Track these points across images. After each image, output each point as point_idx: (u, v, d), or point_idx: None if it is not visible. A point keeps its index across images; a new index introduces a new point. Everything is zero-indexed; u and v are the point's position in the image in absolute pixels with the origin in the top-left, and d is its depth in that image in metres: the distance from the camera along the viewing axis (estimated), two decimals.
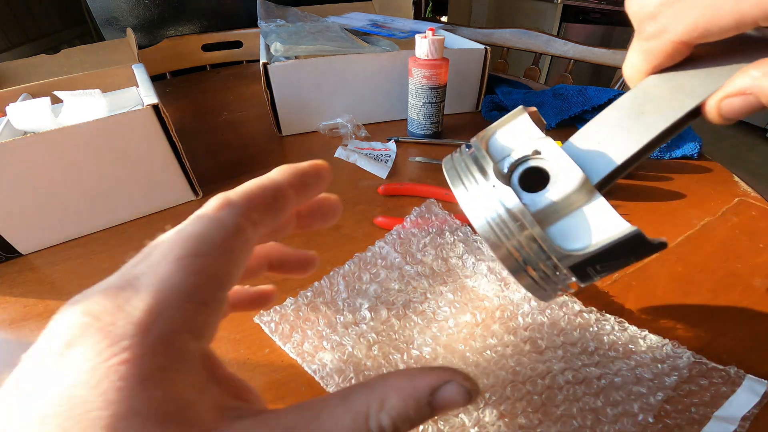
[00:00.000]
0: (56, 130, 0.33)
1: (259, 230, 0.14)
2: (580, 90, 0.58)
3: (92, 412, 0.10)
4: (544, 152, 0.16)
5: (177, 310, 0.11)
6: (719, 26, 0.15)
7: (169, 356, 0.11)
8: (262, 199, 0.14)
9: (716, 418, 0.22)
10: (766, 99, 0.15)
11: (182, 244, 0.12)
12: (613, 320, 0.28)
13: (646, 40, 0.17)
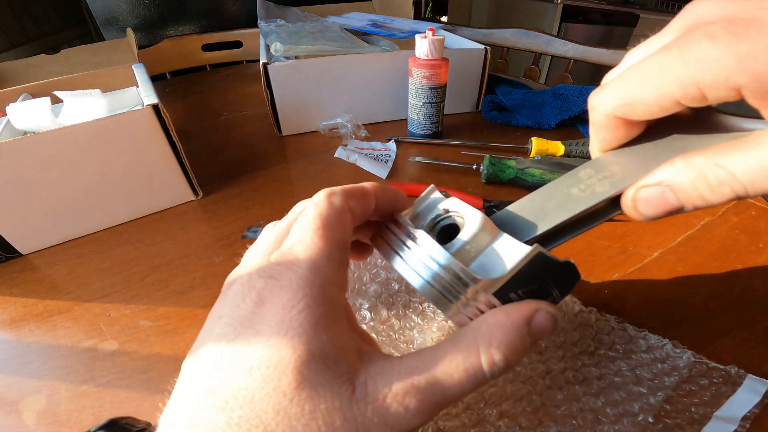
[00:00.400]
0: (56, 130, 0.33)
1: (355, 216, 0.17)
2: (580, 90, 0.58)
3: (284, 359, 0.12)
4: (451, 209, 0.18)
5: (326, 267, 0.15)
6: (642, 101, 0.16)
7: (328, 304, 0.14)
8: (355, 193, 0.18)
9: (716, 418, 0.22)
10: (682, 195, 0.15)
11: (314, 220, 0.16)
12: (613, 320, 0.28)
13: (590, 113, 0.18)
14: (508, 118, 0.60)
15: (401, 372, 0.14)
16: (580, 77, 2.46)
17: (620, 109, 0.17)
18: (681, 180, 0.15)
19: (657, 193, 0.16)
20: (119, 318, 0.30)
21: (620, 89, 0.17)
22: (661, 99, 0.15)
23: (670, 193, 0.16)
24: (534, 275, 0.16)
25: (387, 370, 0.14)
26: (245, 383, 0.12)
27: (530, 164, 0.43)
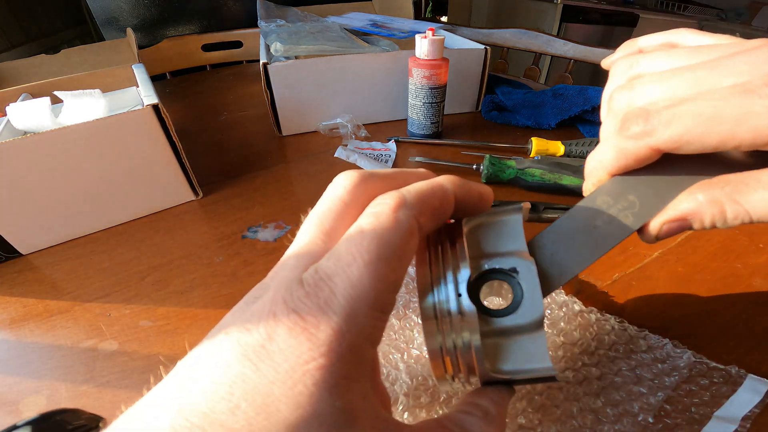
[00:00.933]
0: (56, 130, 0.33)
1: (423, 233, 0.14)
2: (580, 90, 0.58)
3: (282, 412, 0.10)
4: (521, 274, 0.16)
5: (365, 317, 0.11)
6: (705, 143, 0.14)
7: (354, 365, 0.11)
8: (431, 204, 0.14)
9: (717, 418, 0.22)
10: (698, 225, 0.15)
11: (369, 246, 0.12)
12: (613, 320, 0.28)
13: (626, 138, 0.16)
14: (508, 118, 0.60)
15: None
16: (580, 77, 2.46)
17: (676, 144, 0.14)
18: (703, 213, 0.15)
19: (679, 225, 0.16)
20: (119, 318, 0.30)
21: (685, 127, 0.14)
22: (726, 143, 0.13)
23: (688, 224, 0.16)
24: (530, 381, 0.15)
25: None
26: (226, 422, 0.10)
27: (530, 164, 0.43)
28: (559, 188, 0.42)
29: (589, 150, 0.47)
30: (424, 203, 0.13)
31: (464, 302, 0.14)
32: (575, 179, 0.41)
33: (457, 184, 0.15)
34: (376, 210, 0.13)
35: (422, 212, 0.13)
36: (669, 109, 0.14)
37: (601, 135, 0.19)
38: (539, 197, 0.43)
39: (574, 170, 0.42)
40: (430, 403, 0.23)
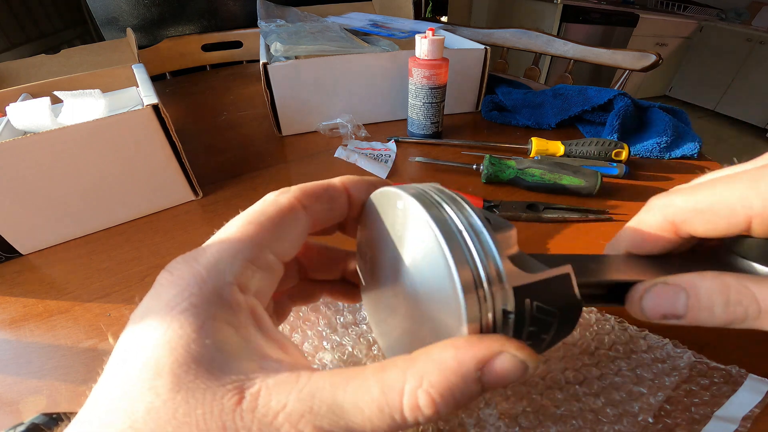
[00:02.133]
0: (56, 130, 0.33)
1: (310, 213, 0.16)
2: (580, 90, 0.58)
3: (161, 359, 0.11)
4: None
5: (229, 265, 0.13)
6: (716, 212, 0.17)
7: (221, 307, 0.12)
8: (313, 190, 0.16)
9: (717, 418, 0.22)
10: (693, 302, 0.16)
11: (243, 215, 0.15)
12: (614, 320, 0.28)
13: (646, 211, 0.20)
14: (508, 118, 0.60)
15: (304, 390, 0.12)
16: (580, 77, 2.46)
17: (689, 214, 0.17)
18: (702, 287, 0.16)
19: (671, 292, 0.16)
20: (119, 318, 0.30)
21: (697, 194, 0.17)
22: (736, 213, 0.16)
23: (682, 297, 0.16)
24: (550, 299, 0.14)
25: (289, 384, 0.12)
26: (120, 376, 0.12)
27: (530, 164, 0.43)
28: (559, 188, 0.42)
29: (589, 150, 0.47)
30: (305, 190, 0.16)
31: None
32: (575, 179, 0.41)
33: (348, 179, 0.18)
34: (264, 198, 0.16)
35: (304, 194, 0.16)
36: (686, 188, 0.18)
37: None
38: (539, 197, 0.43)
39: (574, 170, 0.42)
40: None
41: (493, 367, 0.12)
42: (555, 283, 0.14)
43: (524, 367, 0.12)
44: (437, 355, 0.12)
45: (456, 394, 0.12)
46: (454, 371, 0.12)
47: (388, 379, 0.12)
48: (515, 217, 0.39)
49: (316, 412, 0.11)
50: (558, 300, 0.14)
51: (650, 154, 0.50)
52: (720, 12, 2.88)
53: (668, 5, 2.93)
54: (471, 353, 0.12)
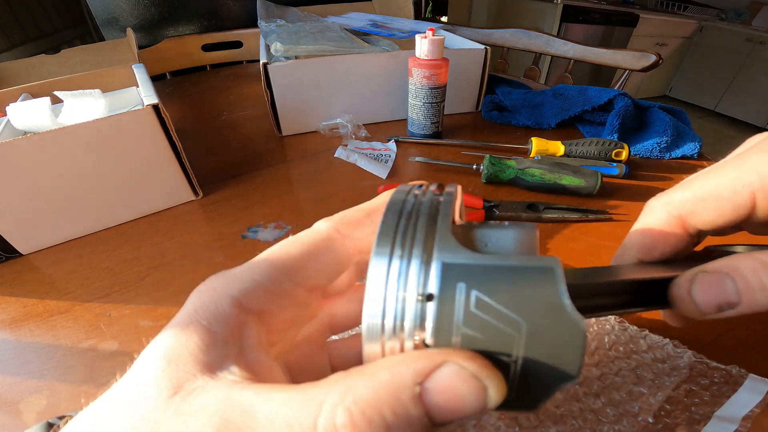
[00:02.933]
0: (56, 130, 0.33)
1: (352, 241, 0.15)
2: (580, 90, 0.58)
3: (156, 362, 0.11)
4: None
5: (239, 281, 0.13)
6: (718, 195, 0.17)
7: (212, 316, 0.12)
8: (352, 217, 0.15)
9: (717, 418, 0.22)
10: (742, 284, 0.15)
11: (284, 240, 0.14)
12: (614, 320, 0.28)
13: (648, 213, 0.20)
14: (508, 118, 0.60)
15: (230, 394, 0.11)
16: (580, 77, 2.46)
17: (691, 205, 0.17)
18: (743, 267, 0.15)
19: (715, 280, 0.15)
20: (119, 318, 0.30)
21: (694, 184, 0.17)
22: (739, 192, 0.16)
23: (729, 282, 0.15)
24: (510, 300, 0.10)
25: (223, 387, 0.11)
26: (126, 381, 0.12)
27: (530, 164, 0.43)
28: (559, 188, 0.42)
29: (589, 150, 0.47)
30: (345, 217, 0.15)
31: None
32: (575, 179, 0.41)
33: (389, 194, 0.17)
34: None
35: (344, 223, 0.15)
36: (682, 183, 0.18)
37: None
38: (539, 197, 0.43)
39: (574, 170, 0.42)
40: None
41: (436, 382, 0.10)
42: (521, 278, 0.10)
43: (478, 387, 0.10)
44: (371, 368, 0.10)
45: (386, 414, 0.09)
46: (386, 384, 0.10)
47: (312, 393, 0.10)
48: (515, 217, 0.39)
49: (226, 416, 0.10)
50: (527, 305, 0.10)
51: (650, 154, 0.50)
52: (720, 12, 2.88)
53: (668, 5, 2.93)
54: (408, 364, 0.10)
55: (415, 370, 0.10)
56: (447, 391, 0.10)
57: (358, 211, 0.15)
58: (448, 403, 0.10)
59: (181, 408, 0.10)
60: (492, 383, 0.10)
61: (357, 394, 0.10)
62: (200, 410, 0.10)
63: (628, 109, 0.51)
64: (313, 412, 0.10)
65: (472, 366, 0.10)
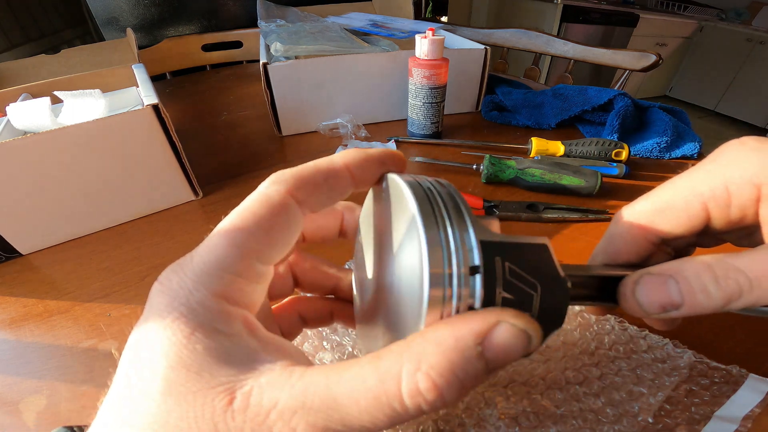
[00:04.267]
0: (56, 130, 0.33)
1: (306, 207, 0.14)
2: (580, 90, 0.58)
3: (155, 365, 0.11)
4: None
5: (216, 278, 0.12)
6: (673, 205, 0.18)
7: (209, 316, 0.12)
8: (311, 179, 0.14)
9: (717, 418, 0.22)
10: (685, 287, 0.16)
11: (231, 217, 0.13)
12: (614, 320, 0.28)
13: (613, 223, 0.21)
14: (508, 118, 0.60)
15: (296, 386, 0.11)
16: (580, 77, 2.46)
17: (650, 216, 0.18)
18: (686, 270, 0.16)
19: (659, 282, 0.16)
20: (119, 318, 0.30)
21: (653, 197, 0.19)
22: (691, 202, 0.17)
23: (672, 284, 0.16)
24: (529, 261, 0.13)
25: (281, 381, 0.11)
26: (121, 385, 0.12)
27: (530, 164, 0.43)
28: (559, 188, 0.42)
29: (589, 150, 0.47)
30: (300, 179, 0.14)
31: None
32: (575, 179, 0.41)
33: (350, 154, 0.15)
34: (258, 189, 0.14)
35: (299, 187, 0.14)
36: (641, 197, 0.20)
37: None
38: (539, 197, 0.43)
39: (574, 170, 0.42)
40: None
41: (493, 339, 0.11)
42: (531, 251, 0.14)
43: (526, 337, 0.12)
44: (432, 334, 0.11)
45: (459, 373, 0.11)
46: (453, 348, 0.11)
47: (384, 365, 0.11)
48: (515, 217, 0.39)
49: (309, 407, 0.11)
50: (537, 270, 0.13)
51: (650, 154, 0.50)
52: (720, 12, 2.88)
53: (668, 5, 2.93)
54: (467, 327, 0.11)
55: (475, 331, 0.11)
56: (502, 346, 0.11)
57: (314, 171, 0.15)
58: (502, 354, 0.11)
59: (250, 415, 0.11)
60: (534, 333, 0.12)
61: (432, 360, 0.11)
62: (274, 410, 0.11)
63: (628, 109, 0.51)
64: (394, 383, 0.11)
65: (520, 322, 0.12)
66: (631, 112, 0.52)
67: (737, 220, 0.18)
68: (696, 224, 0.18)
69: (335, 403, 0.11)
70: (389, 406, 0.11)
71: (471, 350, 0.11)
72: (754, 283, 0.14)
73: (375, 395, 0.11)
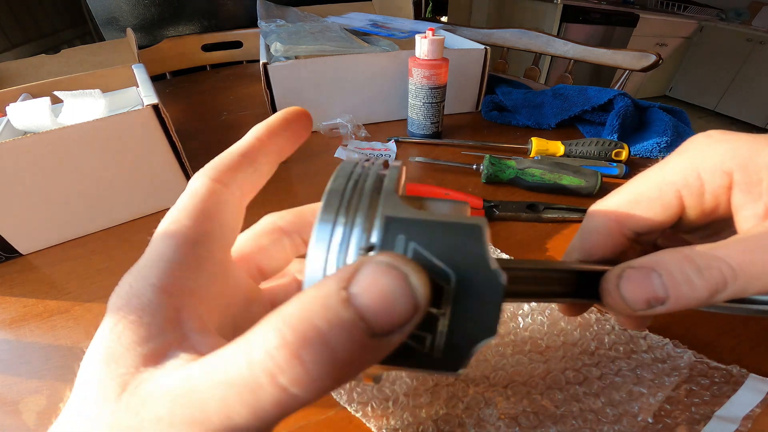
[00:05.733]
0: (56, 130, 0.33)
1: (234, 188, 0.15)
2: (580, 90, 0.58)
3: (88, 355, 0.12)
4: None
5: (152, 269, 0.13)
6: (646, 196, 0.18)
7: (139, 306, 0.12)
8: (228, 160, 0.15)
9: (717, 418, 0.22)
10: (668, 279, 0.15)
11: (171, 211, 0.14)
12: (614, 320, 0.28)
13: (587, 219, 0.21)
14: (508, 118, 0.60)
15: (173, 376, 0.10)
16: (580, 77, 2.46)
17: (624, 209, 0.18)
18: (668, 261, 0.15)
19: (642, 274, 0.15)
20: None
21: (625, 190, 0.19)
22: (665, 191, 0.17)
23: (656, 277, 0.15)
24: (443, 252, 0.11)
25: (168, 373, 0.10)
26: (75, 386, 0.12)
27: (530, 164, 0.43)
28: (559, 188, 0.42)
29: (589, 150, 0.47)
30: (218, 164, 0.15)
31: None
32: (575, 179, 0.41)
33: (257, 127, 0.16)
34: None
35: (219, 171, 0.15)
36: (614, 191, 0.20)
37: None
38: (539, 197, 0.43)
39: (574, 170, 0.42)
40: (430, 404, 0.23)
41: (359, 282, 0.09)
42: (450, 232, 0.11)
43: (399, 275, 0.10)
44: (299, 294, 0.10)
45: (318, 324, 0.09)
46: (312, 297, 0.09)
47: (246, 337, 0.10)
48: (515, 217, 0.39)
49: (175, 396, 0.10)
50: (454, 257, 0.11)
51: (650, 154, 0.50)
52: (720, 12, 2.88)
53: (668, 5, 2.93)
54: (331, 277, 0.10)
55: (339, 277, 0.10)
56: (372, 288, 0.09)
57: (231, 154, 0.15)
58: (377, 302, 0.09)
59: (131, 403, 0.10)
60: (412, 271, 0.10)
61: (286, 314, 0.09)
62: (149, 399, 0.10)
63: (628, 109, 0.51)
64: (246, 353, 0.09)
65: (387, 258, 0.10)
66: (631, 112, 0.52)
67: (710, 210, 0.18)
68: (671, 214, 0.18)
69: (197, 390, 0.10)
70: (240, 377, 0.09)
71: (333, 296, 0.09)
72: (738, 271, 0.14)
73: (227, 375, 0.09)
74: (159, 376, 0.11)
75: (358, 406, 0.23)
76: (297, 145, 0.17)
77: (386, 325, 0.09)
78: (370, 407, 0.23)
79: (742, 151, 0.16)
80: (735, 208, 0.17)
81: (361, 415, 0.23)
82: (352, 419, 0.23)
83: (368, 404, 0.23)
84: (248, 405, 0.09)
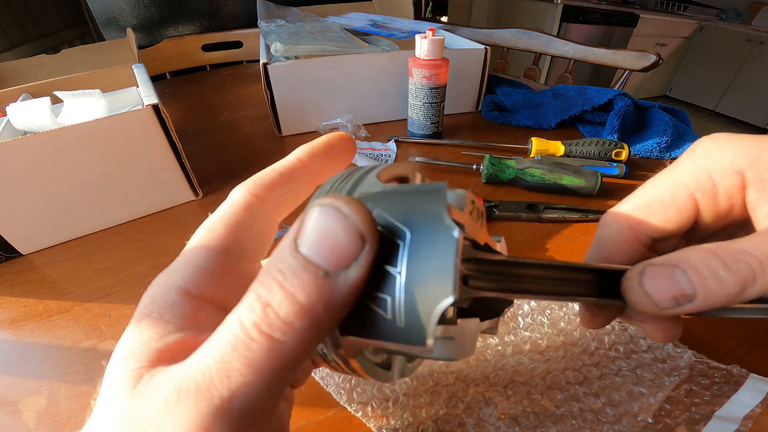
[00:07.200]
0: (56, 130, 0.33)
1: (270, 203, 0.15)
2: (580, 90, 0.58)
3: (115, 354, 0.12)
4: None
5: (180, 271, 0.13)
6: (659, 200, 0.18)
7: (157, 306, 0.13)
8: (268, 177, 0.16)
9: (718, 418, 0.22)
10: (694, 276, 0.15)
11: (207, 220, 0.14)
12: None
13: (600, 228, 0.20)
14: (508, 118, 0.60)
15: (178, 369, 0.11)
16: (580, 77, 2.46)
17: (639, 215, 0.18)
18: (691, 257, 0.14)
19: (665, 271, 0.15)
20: (119, 318, 0.30)
21: (637, 195, 0.19)
22: (678, 194, 0.17)
23: (680, 273, 0.14)
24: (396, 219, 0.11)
25: (173, 368, 0.11)
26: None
27: (530, 164, 0.43)
28: (559, 188, 0.42)
29: (589, 150, 0.47)
30: (258, 179, 0.16)
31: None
32: (575, 179, 0.41)
33: (301, 149, 0.17)
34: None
35: (259, 186, 0.15)
36: (626, 198, 0.20)
37: None
38: (539, 197, 0.43)
39: (574, 170, 0.42)
40: (430, 404, 0.23)
41: (303, 229, 0.10)
42: (414, 195, 0.11)
43: (338, 215, 0.10)
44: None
45: (277, 277, 0.10)
46: (274, 254, 0.11)
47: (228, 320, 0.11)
48: (515, 217, 0.39)
49: (176, 386, 0.10)
50: (413, 217, 0.11)
51: (650, 154, 0.50)
52: (720, 12, 2.88)
53: (668, 5, 2.93)
54: (288, 233, 0.11)
55: (291, 231, 0.11)
56: (312, 230, 0.10)
57: (271, 171, 0.16)
58: (318, 241, 0.10)
59: (144, 394, 0.11)
60: (344, 204, 0.10)
61: (259, 274, 0.11)
62: (158, 387, 0.11)
63: (628, 109, 0.51)
64: (237, 314, 0.10)
65: (324, 200, 0.10)
66: (631, 112, 0.52)
67: (726, 212, 0.17)
68: (686, 218, 0.18)
69: (198, 369, 0.10)
70: (242, 344, 0.10)
71: (286, 249, 0.10)
72: (766, 263, 0.14)
73: (225, 342, 0.10)
74: (168, 371, 0.11)
75: (358, 406, 0.23)
76: (338, 169, 0.17)
77: (333, 259, 0.10)
78: (370, 407, 0.23)
79: (750, 150, 0.16)
80: (751, 206, 0.17)
81: (361, 415, 0.23)
82: (352, 419, 0.23)
83: (368, 404, 0.23)
84: (244, 358, 0.10)
